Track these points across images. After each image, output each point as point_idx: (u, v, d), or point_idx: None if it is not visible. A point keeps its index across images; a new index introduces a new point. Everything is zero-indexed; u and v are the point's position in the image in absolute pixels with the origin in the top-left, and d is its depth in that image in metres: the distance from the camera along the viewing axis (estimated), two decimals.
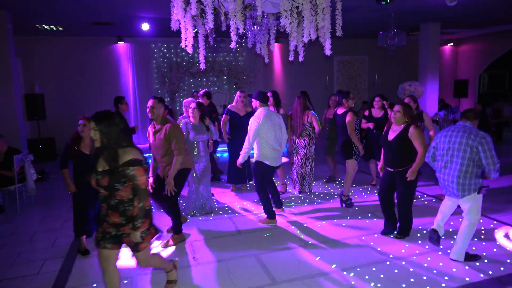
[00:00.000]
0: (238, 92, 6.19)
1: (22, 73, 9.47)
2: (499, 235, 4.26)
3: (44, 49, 9.73)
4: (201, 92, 7.09)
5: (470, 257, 3.67)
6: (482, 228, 4.46)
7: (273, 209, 4.86)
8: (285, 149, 6.77)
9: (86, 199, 4.05)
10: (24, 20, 7.70)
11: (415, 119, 4.11)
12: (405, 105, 4.08)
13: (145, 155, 2.83)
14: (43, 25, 8.37)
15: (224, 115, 6.17)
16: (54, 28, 8.70)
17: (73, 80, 10.04)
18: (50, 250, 4.22)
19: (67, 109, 9.96)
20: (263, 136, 4.59)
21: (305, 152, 5.86)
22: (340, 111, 5.43)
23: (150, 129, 4.28)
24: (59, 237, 4.57)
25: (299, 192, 6.03)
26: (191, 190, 5.21)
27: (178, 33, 3.65)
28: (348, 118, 5.24)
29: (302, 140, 5.83)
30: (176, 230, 4.28)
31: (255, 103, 4.74)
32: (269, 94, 5.93)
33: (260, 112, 4.64)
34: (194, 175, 5.09)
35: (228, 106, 6.19)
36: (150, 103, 4.08)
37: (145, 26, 8.39)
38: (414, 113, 4.22)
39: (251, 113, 6.15)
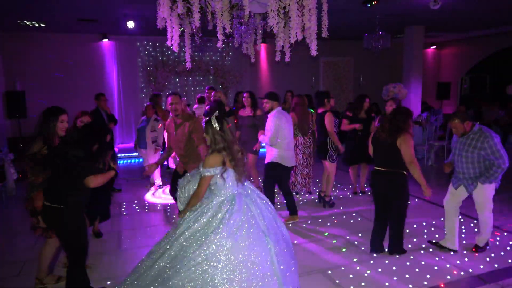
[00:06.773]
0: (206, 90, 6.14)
1: (2, 70, 9.23)
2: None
3: (25, 46, 9.48)
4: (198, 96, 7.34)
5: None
6: (463, 227, 4.57)
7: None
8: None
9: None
10: (5, 15, 7.51)
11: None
12: None
13: (130, 154, 2.79)
14: (25, 21, 8.18)
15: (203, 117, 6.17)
16: (37, 24, 8.51)
17: (55, 78, 9.82)
18: (30, 252, 4.12)
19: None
20: (282, 136, 4.48)
21: (310, 151, 5.81)
22: (320, 110, 5.46)
23: (169, 123, 4.26)
24: (40, 239, 4.46)
25: (309, 193, 5.97)
26: None
27: (164, 31, 3.62)
28: (326, 118, 5.26)
29: (307, 139, 5.70)
30: None
31: (271, 103, 4.57)
32: (245, 95, 5.91)
33: (277, 111, 4.55)
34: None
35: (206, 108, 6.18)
36: (171, 99, 4.04)
37: (130, 24, 8.27)
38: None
39: (229, 112, 6.15)
